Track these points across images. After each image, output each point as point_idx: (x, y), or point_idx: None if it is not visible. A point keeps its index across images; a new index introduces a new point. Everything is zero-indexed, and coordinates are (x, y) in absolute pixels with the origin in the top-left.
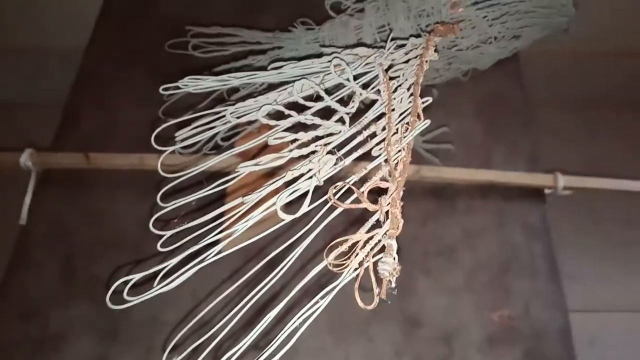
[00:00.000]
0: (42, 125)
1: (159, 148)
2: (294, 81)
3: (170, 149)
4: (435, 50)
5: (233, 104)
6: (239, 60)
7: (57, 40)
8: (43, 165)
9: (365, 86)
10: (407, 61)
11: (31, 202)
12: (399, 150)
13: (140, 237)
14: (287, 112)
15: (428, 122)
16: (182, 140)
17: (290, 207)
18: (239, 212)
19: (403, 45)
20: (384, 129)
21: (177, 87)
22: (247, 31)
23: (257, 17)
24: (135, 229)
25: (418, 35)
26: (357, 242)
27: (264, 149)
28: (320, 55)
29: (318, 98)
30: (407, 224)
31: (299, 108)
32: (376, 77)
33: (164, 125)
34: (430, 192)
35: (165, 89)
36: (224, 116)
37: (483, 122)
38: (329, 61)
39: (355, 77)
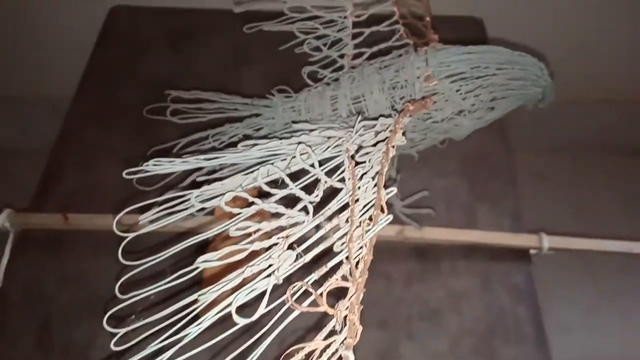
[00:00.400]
0: (33, 172)
1: (121, 234)
2: (261, 162)
3: (132, 235)
4: (404, 134)
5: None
6: (216, 127)
7: (48, 90)
8: (21, 225)
9: (332, 171)
10: (376, 143)
11: (8, 263)
12: (361, 247)
13: (119, 301)
14: (250, 199)
15: (390, 217)
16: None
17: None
18: (193, 310)
19: (373, 126)
20: (347, 221)
21: (144, 169)
22: (225, 96)
23: (242, 76)
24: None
25: (390, 114)
26: (314, 350)
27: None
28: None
29: (284, 183)
30: (391, 285)
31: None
32: (343, 162)
33: (125, 211)
34: (415, 252)
35: (130, 173)
36: (189, 199)
37: (467, 180)
38: (298, 143)
39: (324, 162)
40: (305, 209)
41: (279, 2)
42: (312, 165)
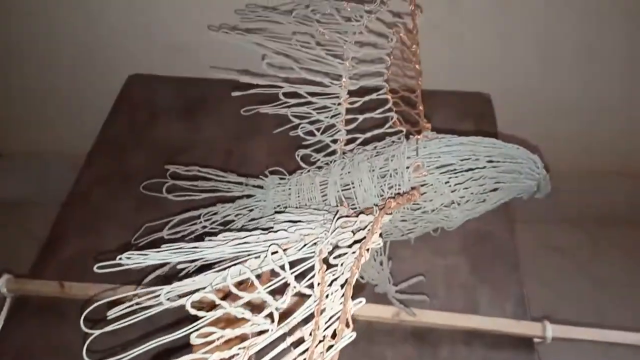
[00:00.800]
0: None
1: (88, 331)
2: (237, 257)
3: (98, 332)
4: (380, 235)
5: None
6: (208, 206)
7: (67, 148)
8: (18, 291)
9: (304, 274)
10: (352, 243)
11: (2, 329)
12: None
13: None
14: (217, 301)
15: (354, 335)
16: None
17: None
18: None
19: (353, 223)
20: (311, 334)
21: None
22: (222, 174)
23: (249, 145)
24: None
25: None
26: None
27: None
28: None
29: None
30: None
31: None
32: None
33: (93, 306)
34: (412, 336)
35: (101, 267)
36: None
37: (468, 260)
38: (271, 243)
39: (297, 262)
40: (271, 316)
41: (275, 87)
42: (283, 267)
